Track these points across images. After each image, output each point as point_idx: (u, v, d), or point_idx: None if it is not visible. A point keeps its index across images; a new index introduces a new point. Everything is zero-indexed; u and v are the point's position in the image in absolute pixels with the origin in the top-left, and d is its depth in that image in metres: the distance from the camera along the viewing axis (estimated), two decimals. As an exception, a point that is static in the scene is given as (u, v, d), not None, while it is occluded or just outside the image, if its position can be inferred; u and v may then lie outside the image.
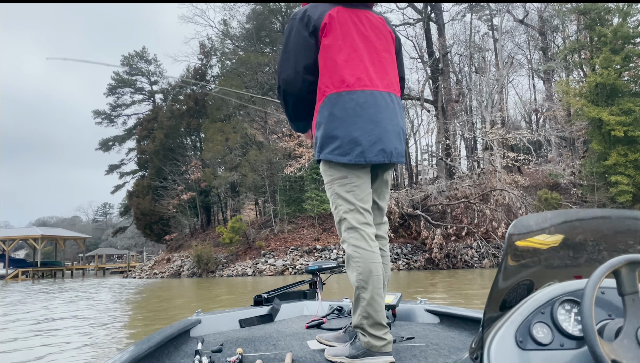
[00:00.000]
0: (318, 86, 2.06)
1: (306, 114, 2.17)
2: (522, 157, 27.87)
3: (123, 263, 58.14)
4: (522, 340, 0.94)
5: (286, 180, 34.54)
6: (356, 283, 1.93)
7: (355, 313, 1.94)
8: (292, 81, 2.05)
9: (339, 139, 1.99)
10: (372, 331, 1.89)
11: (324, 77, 2.04)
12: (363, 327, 1.91)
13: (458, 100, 33.87)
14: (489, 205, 26.11)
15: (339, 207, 2.03)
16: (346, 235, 2.00)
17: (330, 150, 2.01)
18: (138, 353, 1.80)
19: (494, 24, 38.20)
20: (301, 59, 2.04)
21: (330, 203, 2.11)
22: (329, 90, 2.03)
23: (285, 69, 2.06)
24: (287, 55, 2.07)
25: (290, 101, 2.12)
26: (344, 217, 2.02)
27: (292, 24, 2.08)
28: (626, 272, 0.89)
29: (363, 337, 1.91)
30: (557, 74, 34.39)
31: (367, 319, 1.90)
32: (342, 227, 2.02)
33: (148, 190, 45.25)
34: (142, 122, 50.86)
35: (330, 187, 2.07)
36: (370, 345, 1.89)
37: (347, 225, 2.00)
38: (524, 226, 1.09)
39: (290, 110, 2.16)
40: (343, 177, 2.03)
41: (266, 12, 40.53)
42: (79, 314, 10.55)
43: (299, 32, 2.06)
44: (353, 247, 1.97)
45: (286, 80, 2.06)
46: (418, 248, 27.47)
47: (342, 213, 2.02)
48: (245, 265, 29.83)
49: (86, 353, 5.96)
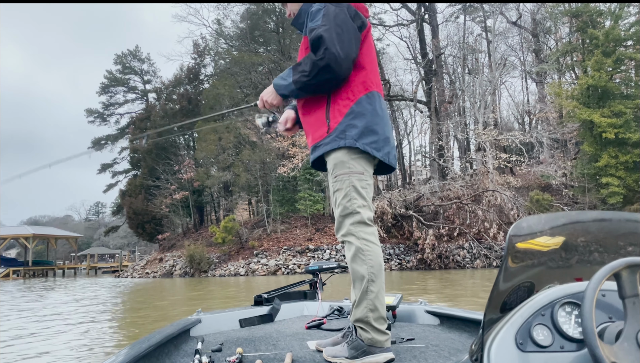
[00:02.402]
0: (359, 78, 2.08)
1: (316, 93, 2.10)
2: (514, 158, 27.99)
3: (115, 263, 57.81)
4: (522, 342, 0.94)
5: (279, 180, 34.51)
6: (367, 276, 1.94)
7: (359, 307, 1.94)
8: (342, 62, 1.96)
9: (377, 134, 2.06)
10: (376, 325, 1.91)
11: (368, 72, 2.10)
12: (368, 319, 1.92)
13: (451, 101, 33.93)
14: (481, 206, 26.21)
15: (353, 200, 2.02)
16: (355, 229, 2.01)
17: (369, 142, 2.03)
18: (138, 352, 1.80)
19: (487, 26, 38.37)
20: (354, 46, 2.03)
21: (338, 194, 2.06)
22: (373, 86, 2.10)
23: (339, 46, 1.95)
24: (339, 34, 1.97)
25: (325, 77, 1.99)
26: (357, 210, 2.02)
27: (337, 10, 2.02)
28: (627, 275, 0.89)
29: (365, 334, 1.92)
30: (549, 76, 34.57)
31: (372, 312, 1.92)
32: (350, 220, 2.02)
33: (141, 190, 45.03)
34: (135, 121, 50.60)
35: (346, 179, 2.04)
36: (374, 340, 1.91)
37: (359, 219, 2.02)
38: (525, 228, 1.09)
39: (314, 83, 2.02)
40: (361, 172, 2.05)
41: (260, 11, 40.44)
42: (74, 314, 10.49)
43: (349, 20, 2.03)
44: (364, 240, 1.99)
45: (337, 58, 1.95)
46: (410, 248, 27.51)
47: (355, 207, 2.02)
48: (238, 265, 29.75)
49: (86, 354, 5.93)
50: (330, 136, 2.06)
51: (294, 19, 2.27)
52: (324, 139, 2.08)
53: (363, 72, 2.08)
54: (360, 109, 2.04)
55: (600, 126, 24.70)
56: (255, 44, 41.99)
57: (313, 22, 2.04)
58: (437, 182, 28.90)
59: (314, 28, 2.02)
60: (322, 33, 1.96)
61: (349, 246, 2.01)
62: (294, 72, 2.06)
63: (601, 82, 25.13)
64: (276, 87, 2.16)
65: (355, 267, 1.98)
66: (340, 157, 2.05)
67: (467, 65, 37.00)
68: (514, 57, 39.69)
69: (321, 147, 2.09)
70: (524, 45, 39.15)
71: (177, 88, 49.05)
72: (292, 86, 2.07)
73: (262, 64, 38.22)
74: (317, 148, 2.12)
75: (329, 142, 2.06)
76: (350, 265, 2.00)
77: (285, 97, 2.18)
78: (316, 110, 2.12)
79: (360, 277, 1.96)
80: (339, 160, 2.05)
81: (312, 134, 2.16)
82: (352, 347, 1.92)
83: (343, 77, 2.02)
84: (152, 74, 54.43)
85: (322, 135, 2.09)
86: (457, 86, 36.29)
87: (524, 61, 40.24)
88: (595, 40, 26.03)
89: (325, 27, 1.98)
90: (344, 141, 2.02)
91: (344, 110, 2.05)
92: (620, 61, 26.04)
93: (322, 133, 2.09)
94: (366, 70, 2.09)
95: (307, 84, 2.03)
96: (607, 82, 25.37)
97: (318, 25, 2.00)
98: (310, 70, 1.99)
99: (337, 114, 2.06)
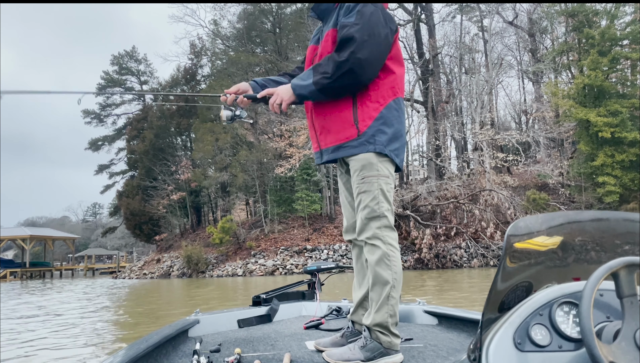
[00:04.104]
0: (389, 83, 2.05)
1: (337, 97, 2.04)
2: (511, 157, 28.05)
3: (113, 264, 57.68)
4: (520, 341, 0.95)
5: (277, 180, 34.50)
6: (391, 282, 1.95)
7: (380, 311, 1.94)
8: (367, 67, 1.92)
9: (401, 141, 2.07)
10: (393, 330, 1.93)
11: (396, 77, 2.07)
12: (388, 325, 1.92)
13: (448, 101, 33.98)
14: (478, 205, 26.25)
15: (382, 203, 2.01)
16: (382, 232, 2.00)
17: (394, 148, 2.04)
18: (136, 353, 1.80)
19: (483, 26, 38.45)
20: (384, 53, 1.99)
21: (365, 196, 2.02)
22: (400, 93, 2.09)
23: (367, 51, 1.90)
24: (370, 38, 1.91)
25: (347, 81, 1.94)
26: (385, 214, 2.01)
27: (374, 11, 1.97)
28: (625, 275, 0.90)
29: (384, 337, 1.92)
30: (546, 76, 34.63)
31: (392, 317, 1.93)
32: (378, 223, 2.00)
33: (138, 190, 44.97)
34: (132, 122, 50.61)
35: (375, 181, 2.01)
36: (392, 344, 1.92)
37: (386, 223, 2.01)
38: (523, 228, 1.09)
39: (336, 85, 1.96)
40: (388, 176, 2.05)
41: (257, 12, 40.41)
42: (73, 314, 10.46)
43: (383, 23, 1.98)
44: (390, 246, 1.99)
45: (362, 64, 1.90)
46: (408, 248, 27.53)
47: (384, 211, 2.01)
48: (236, 265, 29.73)
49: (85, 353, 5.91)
50: (359, 139, 2.02)
51: (314, 5, 2.19)
52: (352, 141, 2.03)
53: (392, 76, 2.05)
54: (390, 115, 2.03)
55: (596, 125, 24.75)
56: (252, 44, 41.97)
57: (347, 18, 1.98)
58: (434, 181, 28.91)
59: (346, 25, 1.96)
60: (354, 34, 1.90)
61: (374, 249, 1.99)
62: (314, 72, 1.99)
63: (597, 82, 25.19)
64: (294, 87, 2.05)
65: (379, 271, 1.96)
66: (370, 158, 2.01)
67: (463, 65, 37.03)
68: (510, 57, 39.82)
69: (348, 149, 2.05)
70: (521, 45, 39.26)
71: (174, 88, 49.01)
72: (312, 87, 1.99)
73: (259, 64, 38.20)
74: (341, 148, 2.07)
75: (358, 146, 2.02)
76: (374, 268, 1.98)
77: (302, 98, 2.08)
78: (342, 110, 2.05)
79: (384, 281, 1.95)
80: (367, 161, 2.01)
81: (336, 134, 2.07)
82: (368, 350, 1.91)
83: (365, 83, 1.98)
84: (149, 75, 54.48)
85: (349, 137, 2.04)
86: (454, 86, 36.35)
87: (521, 61, 40.36)
88: (591, 40, 26.09)
89: (358, 26, 1.91)
90: (373, 146, 2.00)
91: (374, 114, 2.01)
92: (616, 60, 26.10)
93: (349, 134, 2.04)
94: (395, 74, 2.06)
95: (329, 87, 1.96)
96: (603, 81, 25.42)
97: (351, 22, 1.94)
98: (333, 72, 1.93)
99: (366, 117, 2.01)
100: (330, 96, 2.03)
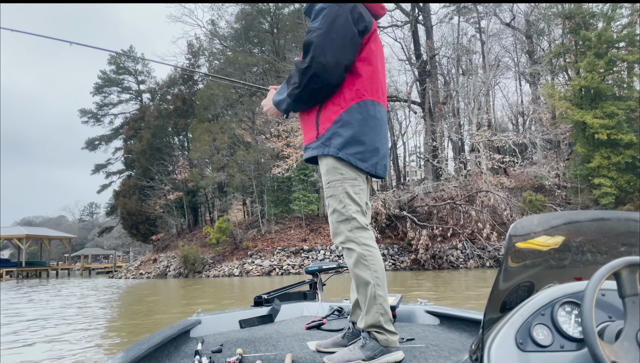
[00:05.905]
0: (353, 86, 2.03)
1: (315, 103, 2.07)
2: (507, 159, 28.08)
3: (109, 264, 57.44)
4: (522, 341, 0.95)
5: (274, 180, 34.46)
6: (372, 281, 1.95)
7: (370, 313, 1.94)
8: (331, 70, 1.92)
9: (364, 145, 2.03)
10: (388, 327, 1.94)
11: (363, 80, 2.04)
12: (381, 324, 1.93)
13: (445, 102, 33.99)
14: (474, 206, 26.28)
15: (348, 206, 2.02)
16: (354, 235, 2.00)
17: (353, 152, 2.01)
18: (138, 353, 1.80)
19: (481, 27, 38.48)
20: (348, 53, 1.96)
21: (332, 200, 2.06)
22: (367, 95, 2.05)
23: (328, 54, 1.91)
24: (332, 41, 1.92)
25: (315, 86, 1.96)
26: (353, 216, 2.02)
27: (339, 12, 1.95)
28: (627, 274, 0.90)
29: (381, 336, 1.93)
30: (542, 77, 34.71)
31: (383, 316, 1.94)
32: (349, 226, 2.01)
33: (135, 190, 44.86)
34: (129, 122, 50.46)
35: (339, 185, 2.03)
36: (390, 341, 1.93)
37: (357, 224, 2.01)
38: (525, 228, 1.09)
39: (306, 93, 1.99)
40: (354, 178, 2.04)
41: (254, 12, 40.37)
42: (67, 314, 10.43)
43: (350, 24, 1.96)
44: (365, 246, 1.99)
45: (325, 67, 1.91)
46: (404, 249, 27.54)
47: (351, 213, 2.02)
48: (232, 265, 29.68)
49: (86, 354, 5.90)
50: (317, 141, 2.06)
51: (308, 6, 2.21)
52: (312, 143, 2.09)
53: (358, 80, 2.03)
54: (349, 118, 2.01)
55: (592, 127, 24.83)
56: (249, 45, 41.92)
57: (312, 22, 2.01)
58: (431, 182, 28.94)
59: (310, 30, 1.99)
60: (313, 39, 1.93)
61: (350, 252, 2.00)
62: (287, 85, 2.05)
63: (594, 84, 25.28)
64: (275, 103, 2.13)
65: (358, 273, 1.97)
66: (332, 163, 2.04)
67: (461, 66, 37.11)
68: (507, 58, 39.90)
69: (309, 151, 2.11)
70: (518, 47, 39.30)
71: (171, 88, 48.95)
72: (287, 100, 2.06)
73: (257, 64, 38.17)
74: (307, 150, 2.14)
75: (316, 148, 2.07)
76: (353, 271, 1.99)
77: (286, 111, 2.14)
78: (310, 113, 2.11)
79: (365, 282, 1.96)
80: (330, 166, 2.05)
81: (305, 135, 2.16)
82: (368, 349, 1.92)
83: (336, 85, 1.98)
84: (146, 74, 54.27)
85: (311, 139, 2.10)
86: (451, 87, 36.37)
87: (518, 62, 40.42)
88: (588, 42, 26.18)
89: (320, 31, 1.93)
90: (328, 149, 2.02)
91: (333, 117, 2.03)
92: (613, 62, 26.19)
93: (311, 136, 2.10)
94: (362, 77, 2.03)
95: (301, 96, 2.01)
96: (600, 83, 25.51)
97: (315, 27, 1.96)
98: (300, 80, 1.97)
99: (325, 120, 2.04)
100: (309, 103, 2.07)
